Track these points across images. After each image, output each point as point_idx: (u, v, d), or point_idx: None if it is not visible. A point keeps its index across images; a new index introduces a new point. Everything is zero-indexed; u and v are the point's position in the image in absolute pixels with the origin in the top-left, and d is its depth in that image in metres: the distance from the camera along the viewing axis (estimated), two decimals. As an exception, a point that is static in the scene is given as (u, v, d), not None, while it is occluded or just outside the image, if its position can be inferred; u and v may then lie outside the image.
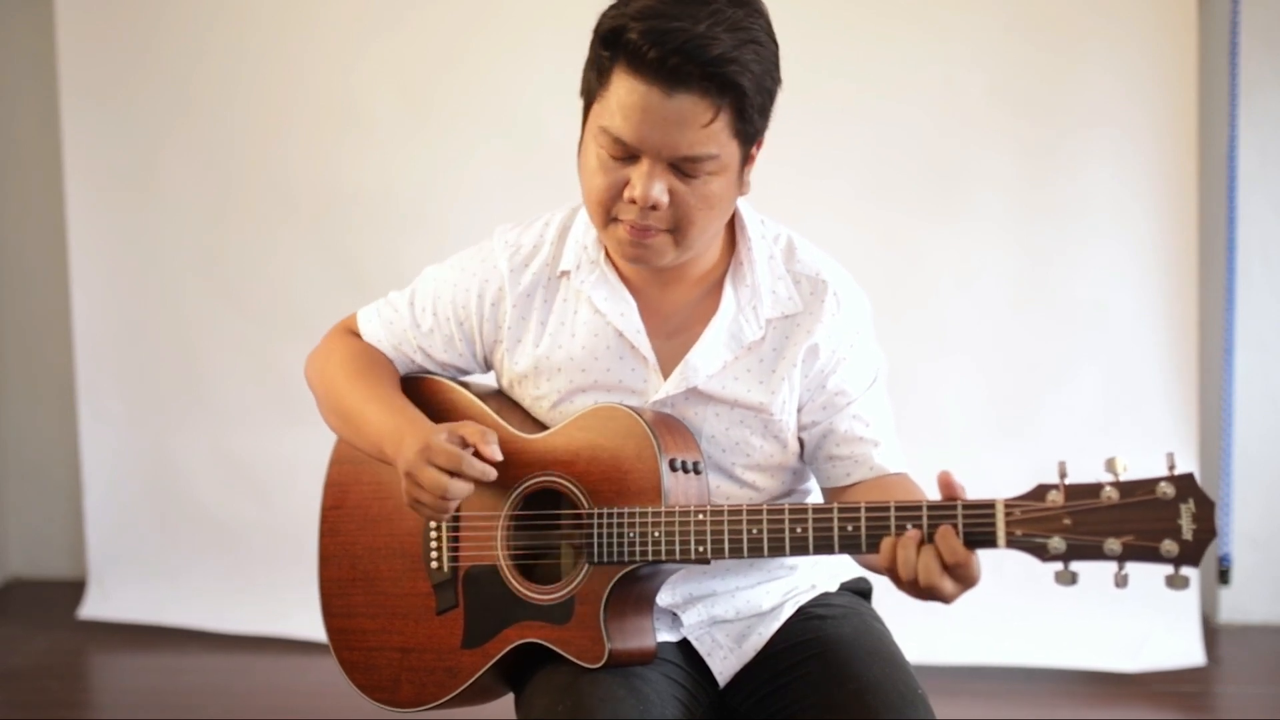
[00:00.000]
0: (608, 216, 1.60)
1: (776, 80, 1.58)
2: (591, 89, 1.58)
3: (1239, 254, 3.42)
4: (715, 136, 1.53)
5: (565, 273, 1.72)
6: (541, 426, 1.73)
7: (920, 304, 3.42)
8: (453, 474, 1.59)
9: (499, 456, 1.62)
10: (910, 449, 1.78)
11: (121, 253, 3.70)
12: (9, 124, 3.89)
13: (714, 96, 1.51)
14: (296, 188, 3.61)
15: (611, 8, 1.55)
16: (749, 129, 1.56)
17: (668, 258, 1.61)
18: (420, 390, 1.80)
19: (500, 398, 1.79)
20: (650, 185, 1.54)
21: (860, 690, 1.60)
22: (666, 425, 1.65)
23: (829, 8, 3.38)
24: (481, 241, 1.79)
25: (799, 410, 1.71)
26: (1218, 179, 3.43)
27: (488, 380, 1.84)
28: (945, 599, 1.47)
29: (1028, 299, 3.41)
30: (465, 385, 1.80)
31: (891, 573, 1.48)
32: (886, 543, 1.48)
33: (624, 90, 1.52)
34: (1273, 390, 3.50)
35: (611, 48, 1.52)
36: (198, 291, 3.68)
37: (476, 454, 1.61)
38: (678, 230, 1.58)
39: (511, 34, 3.49)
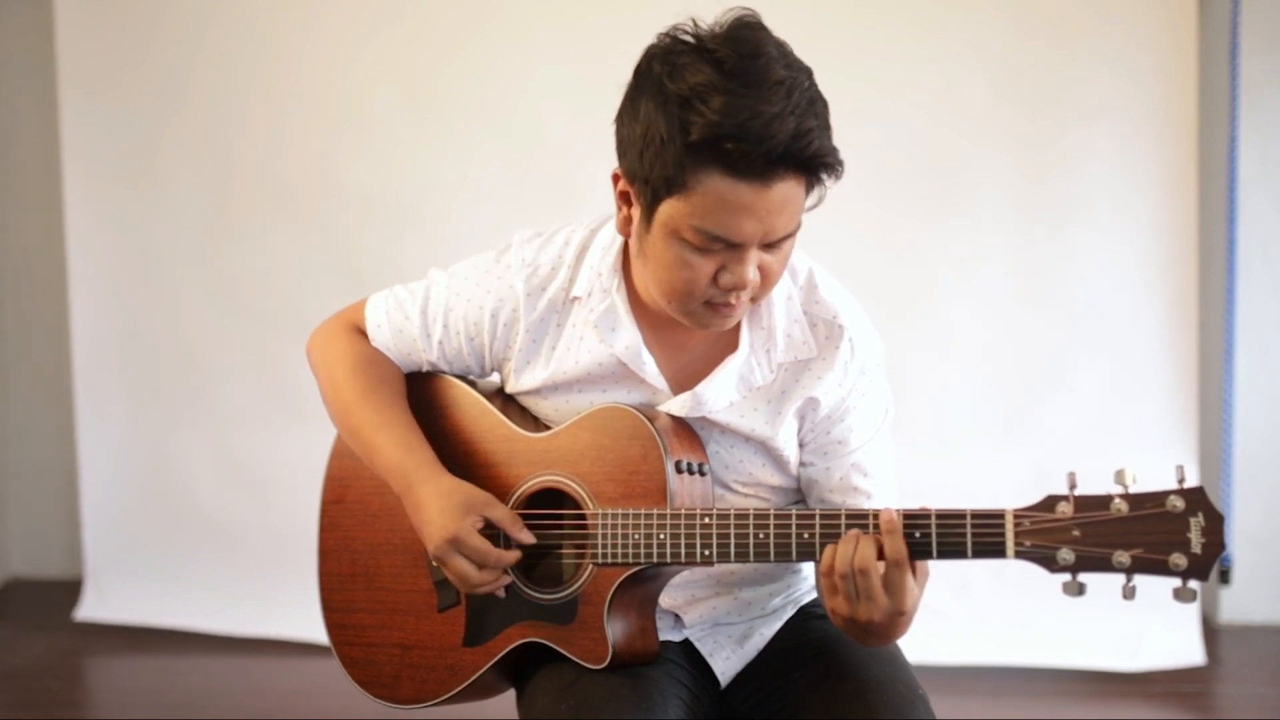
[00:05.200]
0: (693, 302, 1.57)
1: None
2: (658, 186, 1.50)
3: (1239, 254, 3.42)
4: (801, 208, 1.53)
5: (577, 298, 1.69)
6: (545, 425, 1.73)
7: (920, 302, 3.42)
8: (480, 565, 1.61)
9: (530, 540, 1.64)
10: (910, 448, 1.78)
11: (120, 251, 3.69)
12: (8, 121, 3.88)
13: (807, 179, 1.50)
14: (295, 186, 3.60)
15: (684, 107, 1.46)
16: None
17: (743, 315, 1.61)
18: (425, 388, 1.79)
19: (504, 396, 1.78)
20: (750, 270, 1.52)
21: (861, 690, 1.61)
22: (672, 427, 1.64)
23: (829, 8, 3.38)
24: (499, 249, 1.75)
25: (800, 447, 1.70)
26: (1218, 179, 3.43)
27: (492, 378, 1.83)
28: (873, 613, 1.47)
29: (1028, 298, 3.41)
30: (469, 382, 1.79)
31: (826, 575, 1.49)
32: (828, 549, 1.49)
33: (721, 190, 1.47)
34: (1273, 390, 3.50)
35: (701, 152, 1.45)
36: (197, 290, 3.67)
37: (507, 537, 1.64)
38: (759, 295, 1.58)
39: (511, 33, 3.48)
